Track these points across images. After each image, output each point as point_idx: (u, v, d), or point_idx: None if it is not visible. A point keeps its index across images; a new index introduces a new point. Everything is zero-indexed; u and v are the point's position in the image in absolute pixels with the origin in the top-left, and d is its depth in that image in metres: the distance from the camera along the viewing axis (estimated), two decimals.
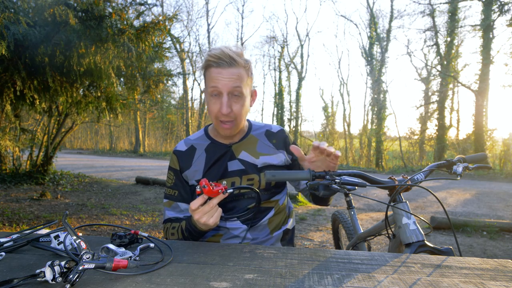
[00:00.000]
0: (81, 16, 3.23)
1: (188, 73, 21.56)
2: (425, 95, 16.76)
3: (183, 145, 1.19)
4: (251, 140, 1.17)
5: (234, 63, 1.02)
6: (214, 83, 1.01)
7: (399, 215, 1.02)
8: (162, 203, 5.47)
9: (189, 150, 1.17)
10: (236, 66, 1.02)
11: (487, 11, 10.97)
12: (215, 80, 1.01)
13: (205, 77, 1.07)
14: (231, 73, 1.01)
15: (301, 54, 20.24)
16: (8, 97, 3.77)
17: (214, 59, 1.01)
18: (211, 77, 1.02)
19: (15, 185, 6.46)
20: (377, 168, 13.96)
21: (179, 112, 23.67)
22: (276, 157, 1.16)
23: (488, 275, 0.73)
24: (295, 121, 20.48)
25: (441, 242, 3.62)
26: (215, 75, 1.01)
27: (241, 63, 1.03)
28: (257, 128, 1.22)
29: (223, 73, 1.01)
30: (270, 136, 1.19)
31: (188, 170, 1.14)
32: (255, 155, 1.15)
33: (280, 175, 0.89)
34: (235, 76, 1.02)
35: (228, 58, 1.01)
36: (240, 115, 1.06)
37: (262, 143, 1.18)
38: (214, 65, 1.01)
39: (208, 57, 1.02)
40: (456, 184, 7.98)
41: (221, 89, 1.01)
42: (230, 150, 1.15)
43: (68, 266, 0.63)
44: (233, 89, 1.02)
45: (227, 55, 1.01)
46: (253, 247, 0.89)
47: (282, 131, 1.22)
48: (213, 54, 1.01)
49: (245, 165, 1.13)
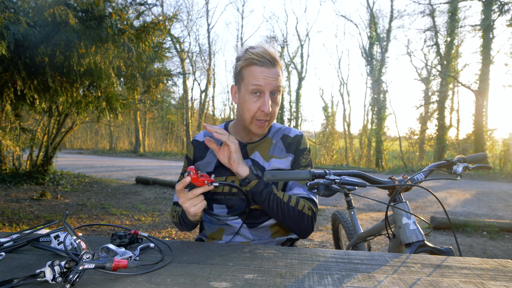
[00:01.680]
0: (81, 16, 3.23)
1: (188, 73, 21.56)
2: (425, 95, 16.76)
3: (201, 136, 1.22)
4: (267, 142, 1.17)
5: (276, 63, 1.04)
6: (258, 81, 1.01)
7: (399, 215, 1.02)
8: (162, 203, 5.47)
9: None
10: (277, 66, 1.04)
11: (487, 11, 10.97)
12: (259, 78, 1.01)
13: (242, 74, 1.06)
14: (274, 73, 1.03)
15: (301, 54, 20.24)
16: (8, 97, 3.77)
17: (258, 57, 1.01)
18: (254, 75, 1.02)
19: (15, 185, 6.46)
20: (377, 168, 13.96)
21: (179, 112, 23.66)
22: (285, 160, 1.15)
23: (488, 275, 0.73)
24: (295, 121, 20.49)
25: (441, 242, 3.62)
26: (258, 74, 1.01)
27: (280, 63, 1.06)
28: (276, 131, 1.21)
29: (267, 72, 1.02)
30: (286, 140, 1.18)
31: (201, 161, 1.17)
32: (267, 158, 1.15)
33: (280, 175, 0.89)
34: (277, 76, 1.03)
35: (271, 58, 1.02)
36: (275, 115, 1.09)
37: (276, 146, 1.17)
38: (258, 64, 1.01)
39: (251, 54, 1.02)
40: (456, 184, 7.98)
41: (264, 88, 1.02)
42: (244, 149, 1.15)
43: (68, 266, 0.63)
44: (274, 89, 1.04)
45: (271, 54, 1.02)
46: (253, 247, 0.89)
47: (299, 136, 1.20)
48: (257, 52, 1.02)
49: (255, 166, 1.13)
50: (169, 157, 17.57)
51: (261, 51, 1.02)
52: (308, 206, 1.07)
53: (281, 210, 1.02)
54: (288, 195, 1.05)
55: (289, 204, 1.03)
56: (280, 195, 1.03)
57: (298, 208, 1.04)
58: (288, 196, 1.05)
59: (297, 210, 1.03)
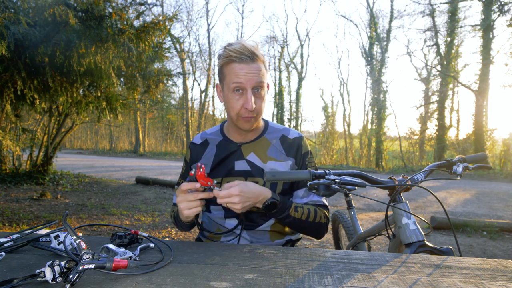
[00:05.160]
0: (81, 16, 3.23)
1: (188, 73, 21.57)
2: (425, 95, 16.75)
3: (198, 138, 1.22)
4: (263, 142, 1.14)
5: (256, 58, 1.00)
6: (238, 79, 0.99)
7: (399, 215, 1.02)
8: (162, 203, 5.47)
9: (202, 144, 1.19)
10: (257, 61, 1.01)
11: (487, 11, 10.97)
12: (239, 75, 0.99)
13: (223, 72, 1.04)
14: (254, 68, 1.00)
15: (301, 54, 20.25)
16: (8, 97, 3.77)
17: (236, 54, 0.98)
18: (234, 73, 1.00)
19: (15, 185, 6.46)
20: (377, 168, 13.96)
21: (179, 112, 23.67)
22: (284, 164, 1.12)
23: (488, 275, 0.73)
24: (295, 121, 20.49)
25: (441, 242, 3.62)
26: (238, 71, 0.99)
27: (261, 58, 1.03)
28: (273, 131, 1.18)
29: (247, 68, 0.99)
30: (285, 142, 1.15)
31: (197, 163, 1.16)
32: (264, 159, 1.12)
33: (280, 175, 0.89)
34: (258, 71, 1.01)
35: (250, 53, 0.99)
36: (261, 110, 1.06)
37: (274, 148, 1.14)
38: (236, 61, 0.99)
39: (229, 52, 1.00)
40: (456, 184, 7.98)
41: (245, 84, 1.00)
42: (239, 149, 1.13)
43: (68, 266, 0.63)
44: (256, 85, 1.01)
45: (249, 50, 0.99)
46: (253, 247, 0.89)
47: (298, 138, 1.16)
48: (235, 49, 0.99)
49: (252, 167, 1.11)
50: (169, 157, 17.57)
51: (239, 47, 0.99)
52: (324, 215, 1.11)
53: (301, 227, 1.06)
54: (307, 209, 1.06)
55: (308, 220, 1.06)
56: (299, 214, 1.04)
57: (316, 220, 1.07)
58: (307, 212, 1.06)
59: (315, 222, 1.07)
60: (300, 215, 1.04)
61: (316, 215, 1.07)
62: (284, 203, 1.00)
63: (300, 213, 1.04)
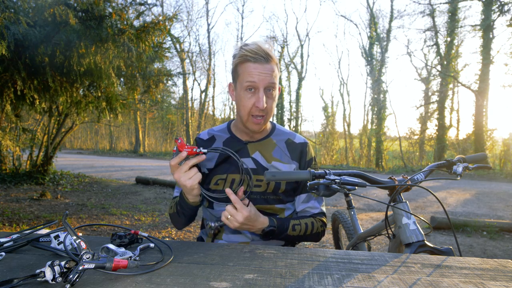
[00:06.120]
0: (81, 16, 3.23)
1: (188, 73, 21.56)
2: (425, 95, 16.75)
3: (205, 134, 1.23)
4: (269, 143, 1.17)
5: (270, 59, 1.04)
6: (252, 78, 1.02)
7: (399, 215, 1.02)
8: (162, 203, 5.47)
9: (209, 140, 1.20)
10: (271, 62, 1.04)
11: (487, 11, 10.97)
12: (252, 75, 1.02)
13: (237, 71, 1.07)
14: (268, 69, 1.03)
15: (301, 54, 20.25)
16: (8, 97, 3.77)
17: (252, 54, 1.02)
18: (248, 72, 1.03)
19: (15, 185, 6.46)
20: (377, 168, 13.96)
21: (179, 112, 23.66)
22: (288, 166, 1.15)
23: (488, 275, 0.73)
24: (295, 121, 20.49)
25: (441, 242, 3.62)
26: (252, 70, 1.02)
27: (275, 59, 1.06)
28: (279, 134, 1.21)
29: (261, 68, 1.02)
30: (290, 145, 1.18)
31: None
32: (269, 159, 1.15)
33: (280, 175, 0.89)
34: (271, 72, 1.04)
35: (265, 54, 1.03)
36: (271, 110, 1.09)
37: (279, 149, 1.17)
38: (251, 60, 1.02)
39: (245, 51, 1.03)
40: (456, 184, 7.98)
41: (258, 84, 1.03)
42: (245, 147, 1.15)
43: (68, 266, 0.63)
44: (269, 85, 1.04)
45: (264, 51, 1.03)
46: (253, 247, 0.89)
47: (303, 144, 1.20)
48: (250, 49, 1.02)
49: (257, 166, 1.13)
50: (169, 157, 17.55)
51: (255, 47, 1.03)
52: (321, 223, 1.15)
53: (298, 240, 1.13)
54: (305, 224, 1.10)
55: (306, 234, 1.09)
56: (296, 232, 1.08)
57: (313, 232, 1.12)
58: (305, 227, 1.09)
59: (312, 234, 1.11)
60: (297, 232, 1.08)
61: (313, 227, 1.11)
62: (281, 227, 1.04)
63: (298, 231, 1.08)
